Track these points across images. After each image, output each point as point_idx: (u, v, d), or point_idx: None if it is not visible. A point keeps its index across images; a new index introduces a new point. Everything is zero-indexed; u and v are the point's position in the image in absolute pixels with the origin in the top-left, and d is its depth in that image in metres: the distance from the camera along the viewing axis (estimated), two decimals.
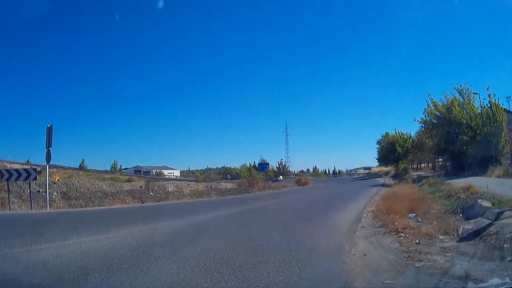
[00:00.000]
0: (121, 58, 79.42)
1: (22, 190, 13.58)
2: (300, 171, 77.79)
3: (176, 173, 69.56)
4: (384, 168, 60.94)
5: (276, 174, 67.92)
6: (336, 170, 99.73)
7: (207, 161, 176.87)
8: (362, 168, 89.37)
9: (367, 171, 68.35)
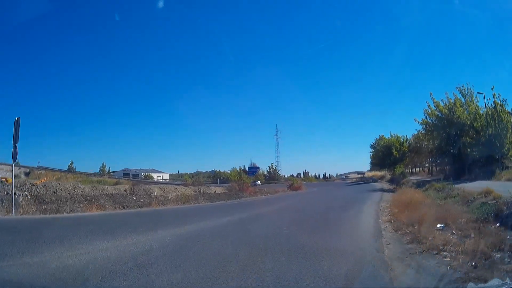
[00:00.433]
0: (113, 60, 77.72)
1: None
2: (290, 175, 76.78)
3: (165, 176, 69.35)
4: (378, 172, 60.68)
5: (266, 178, 67.10)
6: (327, 174, 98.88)
7: (197, 164, 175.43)
8: (354, 173, 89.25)
9: (360, 176, 68.01)
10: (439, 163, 31.83)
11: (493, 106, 21.30)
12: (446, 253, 5.63)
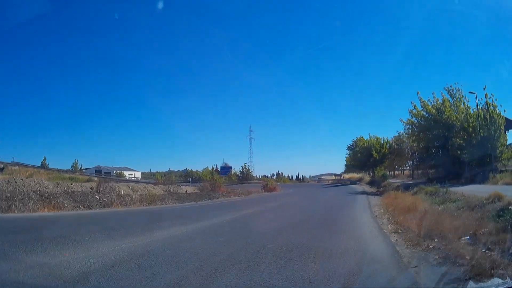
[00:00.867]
0: (87, 57, 74.39)
1: None
2: (264, 176, 75.24)
3: (137, 174, 68.55)
4: (355, 174, 60.43)
5: (239, 178, 65.54)
6: (300, 175, 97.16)
7: (169, 163, 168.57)
8: (328, 175, 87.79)
9: (337, 178, 67.43)
10: (422, 165, 31.26)
11: (485, 106, 20.66)
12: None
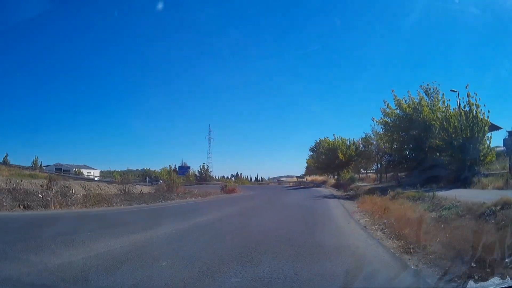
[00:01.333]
0: (47, 55, 72.32)
1: None
2: (222, 177, 76.12)
3: (96, 173, 68.01)
4: (318, 177, 59.65)
5: (197, 178, 64.62)
6: (259, 177, 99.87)
7: (129, 162, 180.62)
8: (286, 177, 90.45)
9: (299, 180, 66.67)
10: (393, 168, 30.30)
11: (467, 106, 19.61)
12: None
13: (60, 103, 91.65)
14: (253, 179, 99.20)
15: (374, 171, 44.46)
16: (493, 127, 21.53)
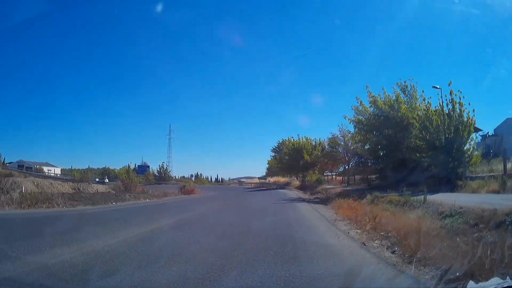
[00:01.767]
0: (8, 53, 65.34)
1: None
2: (182, 177, 74.98)
3: (57, 170, 67.88)
4: (281, 178, 57.75)
5: (156, 178, 63.78)
6: (219, 178, 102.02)
7: (91, 160, 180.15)
8: (248, 178, 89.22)
9: (261, 181, 64.51)
10: (363, 170, 28.75)
11: (450, 104, 18.19)
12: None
13: (25, 100, 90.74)
14: (213, 179, 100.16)
15: (340, 172, 43.16)
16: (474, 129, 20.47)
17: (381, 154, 23.50)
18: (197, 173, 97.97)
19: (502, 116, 50.89)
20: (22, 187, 18.56)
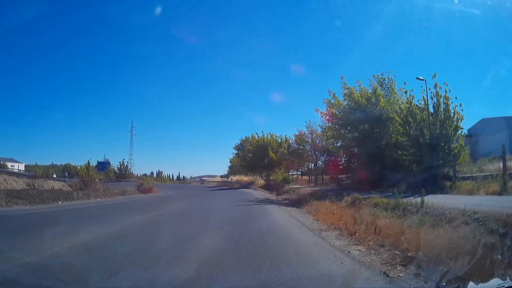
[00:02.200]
0: None
1: None
2: (144, 175, 71.15)
3: (21, 166, 66.15)
4: (244, 177, 55.18)
5: (116, 175, 62.88)
6: (181, 176, 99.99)
7: (57, 157, 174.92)
8: (209, 176, 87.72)
9: (223, 180, 61.65)
10: (332, 169, 26.90)
11: (435, 98, 16.53)
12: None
13: None
14: (175, 177, 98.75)
15: (307, 172, 41.32)
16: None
17: (356, 151, 21.61)
18: (158, 170, 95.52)
19: (478, 116, 51.56)
20: None
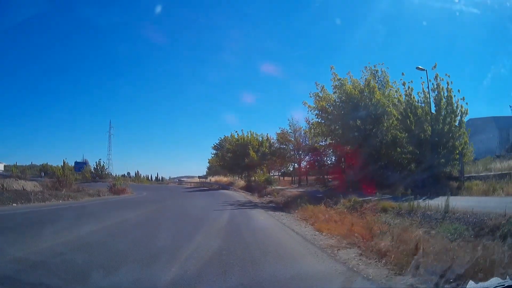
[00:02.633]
0: None
1: None
2: (122, 175, 68.68)
3: (1, 166, 64.32)
4: (223, 178, 52.80)
5: (93, 175, 61.22)
6: (159, 176, 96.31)
7: (36, 157, 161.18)
8: (188, 177, 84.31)
9: (202, 181, 58.95)
10: (318, 169, 25.10)
11: (435, 91, 14.92)
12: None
13: None
14: (153, 178, 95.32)
15: (289, 172, 39.47)
16: None
17: (347, 149, 19.73)
18: (137, 171, 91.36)
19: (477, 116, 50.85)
20: None
